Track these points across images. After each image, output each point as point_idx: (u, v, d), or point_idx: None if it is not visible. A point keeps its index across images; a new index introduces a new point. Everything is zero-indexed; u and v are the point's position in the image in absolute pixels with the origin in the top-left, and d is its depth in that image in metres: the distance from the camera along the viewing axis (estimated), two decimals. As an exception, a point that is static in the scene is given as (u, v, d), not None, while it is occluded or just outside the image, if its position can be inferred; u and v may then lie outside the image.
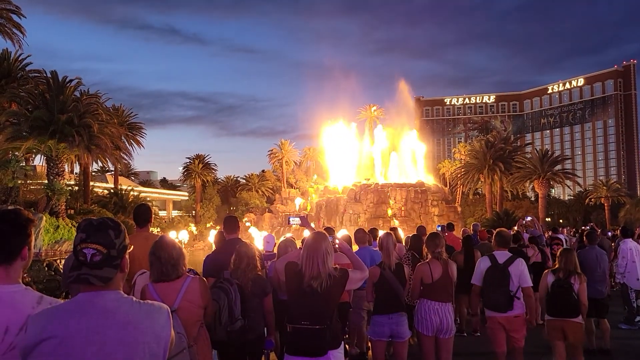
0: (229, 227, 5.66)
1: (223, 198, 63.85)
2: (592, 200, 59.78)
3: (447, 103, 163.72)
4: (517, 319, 5.72)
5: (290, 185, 63.26)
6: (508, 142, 53.69)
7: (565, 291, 5.78)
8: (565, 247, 7.95)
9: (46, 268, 20.14)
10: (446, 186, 57.36)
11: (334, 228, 11.25)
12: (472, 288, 6.10)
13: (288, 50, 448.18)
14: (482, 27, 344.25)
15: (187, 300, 3.53)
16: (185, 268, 3.69)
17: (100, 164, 49.11)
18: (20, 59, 35.48)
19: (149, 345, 1.89)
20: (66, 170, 32.39)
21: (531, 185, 51.17)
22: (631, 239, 10.42)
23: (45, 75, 31.80)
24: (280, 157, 67.95)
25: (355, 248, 6.90)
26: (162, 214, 58.90)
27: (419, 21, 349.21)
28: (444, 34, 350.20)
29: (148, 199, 47.77)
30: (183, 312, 3.44)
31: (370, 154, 54.94)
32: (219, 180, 70.25)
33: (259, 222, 46.86)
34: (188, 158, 63.06)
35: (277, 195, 56.69)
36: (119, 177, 50.86)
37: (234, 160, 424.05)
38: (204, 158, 62.89)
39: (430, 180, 52.38)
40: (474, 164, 51.22)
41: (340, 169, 53.42)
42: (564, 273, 5.88)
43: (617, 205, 57.63)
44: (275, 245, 7.76)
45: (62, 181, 28.66)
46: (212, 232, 18.33)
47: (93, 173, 51.21)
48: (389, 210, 43.29)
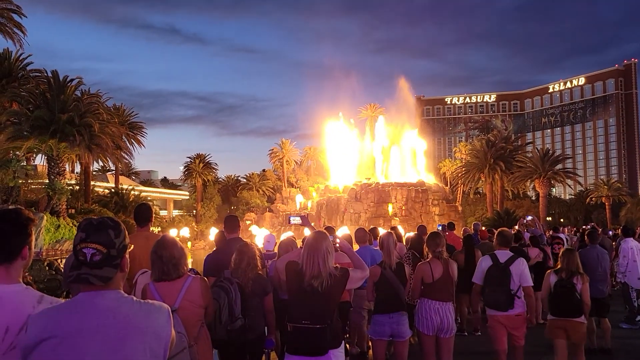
0: (230, 226, 5.66)
1: (224, 197, 63.90)
2: (593, 199, 59.71)
3: (448, 102, 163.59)
4: (517, 317, 5.75)
5: (291, 185, 63.25)
6: (509, 142, 53.66)
7: (568, 291, 5.79)
8: (567, 247, 7.95)
9: (47, 267, 20.14)
10: (447, 185, 57.33)
11: (335, 227, 11.24)
12: (473, 287, 6.13)
13: (288, 50, 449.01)
14: (483, 27, 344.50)
15: (188, 299, 3.54)
16: (186, 268, 3.70)
17: (101, 163, 49.25)
18: (21, 58, 35.55)
19: (150, 344, 1.89)
20: (67, 169, 32.46)
21: (532, 185, 51.13)
22: (632, 238, 10.40)
23: (46, 74, 31.82)
24: (280, 157, 68.01)
25: (355, 247, 6.89)
26: (163, 213, 58.92)
27: (419, 21, 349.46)
28: (444, 34, 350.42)
29: (149, 198, 47.83)
30: (184, 312, 3.44)
31: (371, 153, 54.87)
32: (220, 179, 70.30)
33: (259, 221, 46.84)
34: (189, 157, 63.13)
35: (278, 195, 56.70)
36: (120, 176, 50.95)
37: (234, 159, 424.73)
38: (205, 157, 62.90)
39: (431, 179, 52.30)
40: (475, 163, 51.20)
41: (341, 168, 53.33)
42: (567, 273, 5.88)
43: (618, 205, 57.58)
44: (275, 245, 7.75)
45: (63, 181, 28.69)
46: (213, 229, 18.31)
47: (94, 172, 51.29)
48: (390, 209, 43.27)
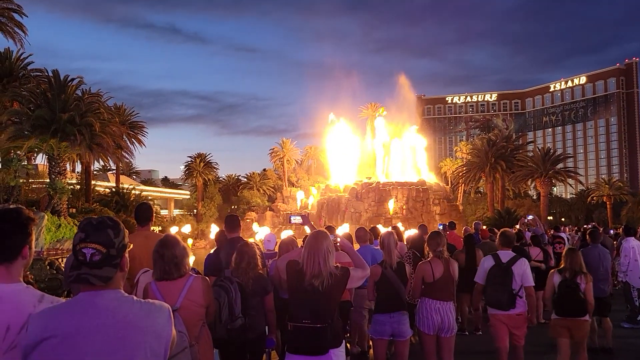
0: (230, 225, 5.66)
1: (224, 197, 63.91)
2: (594, 198, 59.56)
3: (449, 101, 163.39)
4: (519, 317, 5.79)
5: (292, 184, 63.26)
6: (510, 141, 53.63)
7: (573, 291, 5.82)
8: (570, 246, 7.94)
9: (48, 267, 20.18)
10: (448, 185, 57.30)
11: (335, 227, 11.23)
12: (475, 286, 6.17)
13: (289, 49, 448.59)
14: (484, 26, 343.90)
15: (189, 299, 3.54)
16: (188, 267, 3.69)
17: (101, 162, 49.23)
18: (21, 58, 35.58)
19: (150, 344, 1.88)
20: (68, 169, 32.46)
21: (533, 184, 51.07)
22: (634, 238, 10.37)
23: (46, 74, 31.83)
24: (281, 156, 68.00)
25: (356, 246, 6.89)
26: (164, 212, 58.91)
27: (420, 20, 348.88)
28: (445, 33, 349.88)
29: (149, 197, 47.88)
30: (185, 311, 3.44)
31: (372, 152, 54.85)
32: (221, 179, 70.30)
33: (260, 220, 46.80)
34: (189, 157, 63.12)
35: (279, 194, 56.73)
36: (121, 175, 51.01)
37: (235, 159, 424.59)
38: (206, 157, 62.93)
39: (432, 178, 52.31)
40: (476, 162, 51.18)
41: (341, 168, 53.34)
42: (570, 273, 5.91)
43: (619, 204, 57.46)
44: (276, 244, 7.76)
45: (63, 180, 28.70)
46: (213, 226, 18.24)
47: (95, 172, 51.38)
48: (391, 208, 43.27)
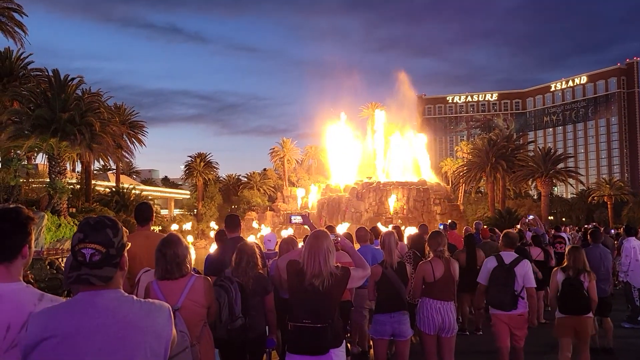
0: (231, 225, 5.66)
1: (225, 196, 63.91)
2: (595, 198, 59.53)
3: (450, 101, 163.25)
4: (520, 317, 5.84)
5: (292, 184, 63.25)
6: (510, 141, 53.61)
7: (577, 289, 5.88)
8: (573, 245, 7.96)
9: (48, 267, 20.19)
10: (448, 184, 57.22)
11: (335, 227, 11.22)
12: (478, 286, 6.21)
13: (289, 48, 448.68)
14: (485, 25, 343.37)
15: (190, 299, 3.53)
16: (190, 267, 3.68)
17: (102, 162, 49.38)
18: (22, 57, 35.57)
19: (150, 344, 1.88)
20: (68, 168, 32.48)
21: (534, 184, 51.07)
22: (635, 238, 10.36)
23: (47, 73, 31.81)
24: (282, 156, 67.98)
25: (356, 246, 6.88)
26: (164, 212, 58.98)
27: (421, 19, 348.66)
28: (446, 32, 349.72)
29: (150, 197, 47.92)
30: (186, 311, 3.44)
31: (373, 152, 54.83)
32: (221, 178, 70.29)
33: (260, 220, 46.90)
34: (190, 156, 63.14)
35: (279, 194, 56.70)
36: (121, 175, 51.03)
37: (235, 158, 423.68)
38: (206, 156, 62.95)
39: (433, 178, 52.28)
40: (476, 162, 51.15)
41: (342, 167, 53.33)
42: (574, 271, 5.95)
43: (620, 204, 57.42)
44: (276, 244, 7.75)
45: (63, 180, 28.71)
46: (212, 224, 18.27)
47: (95, 171, 51.42)
48: (391, 208, 43.26)
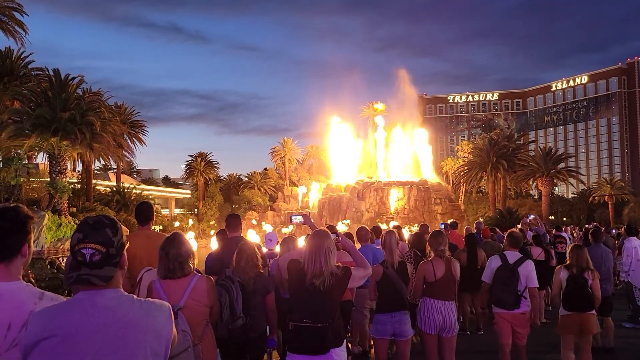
0: (231, 225, 5.65)
1: (225, 196, 63.95)
2: (596, 198, 59.51)
3: (450, 101, 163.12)
4: (522, 316, 5.89)
5: (293, 184, 63.27)
6: (511, 140, 53.64)
7: (581, 287, 5.93)
8: (576, 243, 7.95)
9: (49, 266, 20.23)
10: (449, 184, 57.26)
11: (335, 226, 11.21)
12: (482, 285, 6.26)
13: (290, 48, 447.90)
14: (485, 25, 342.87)
15: (193, 299, 3.53)
16: (193, 267, 3.68)
17: (102, 161, 49.26)
18: (22, 56, 35.61)
19: (150, 343, 1.87)
20: (68, 168, 32.55)
21: (535, 184, 51.08)
22: (636, 237, 10.34)
23: (47, 73, 31.88)
24: (282, 155, 67.99)
25: (357, 246, 6.87)
26: (165, 212, 59.00)
27: (422, 19, 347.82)
28: (446, 32, 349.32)
29: (150, 197, 47.94)
30: (189, 311, 3.44)
31: (374, 151, 54.84)
32: (222, 178, 70.35)
33: (261, 220, 46.96)
34: (190, 156, 63.26)
35: (280, 193, 56.76)
36: (121, 175, 51.07)
37: (236, 158, 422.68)
38: (206, 156, 63.00)
39: (434, 178, 52.31)
40: (477, 162, 51.17)
41: (342, 167, 53.38)
42: (577, 269, 6.01)
43: (621, 204, 57.37)
44: (277, 243, 7.75)
45: (64, 179, 28.74)
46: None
47: (95, 171, 51.44)
48: (392, 208, 43.27)
